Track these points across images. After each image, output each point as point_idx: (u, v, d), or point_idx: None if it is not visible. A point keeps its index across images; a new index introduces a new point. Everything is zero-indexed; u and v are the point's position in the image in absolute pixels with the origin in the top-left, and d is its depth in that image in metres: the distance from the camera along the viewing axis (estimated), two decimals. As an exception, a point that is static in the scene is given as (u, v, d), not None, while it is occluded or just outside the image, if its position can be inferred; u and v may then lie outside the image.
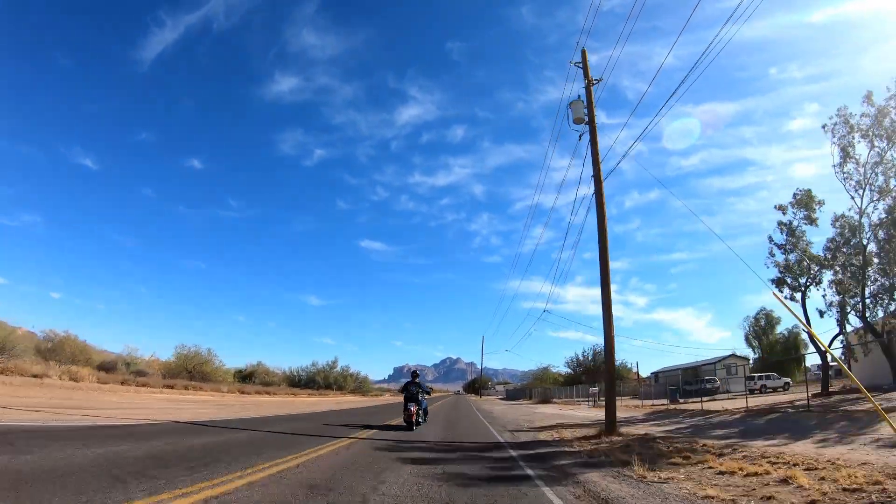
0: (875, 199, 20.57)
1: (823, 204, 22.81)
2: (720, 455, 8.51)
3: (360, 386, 59.33)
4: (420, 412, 13.82)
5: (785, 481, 5.94)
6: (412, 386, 14.15)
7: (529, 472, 7.30)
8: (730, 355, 44.25)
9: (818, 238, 61.61)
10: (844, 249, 22.06)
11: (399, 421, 14.94)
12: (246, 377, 56.29)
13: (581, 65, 14.57)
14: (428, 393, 15.32)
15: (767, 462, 7.44)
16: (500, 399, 75.40)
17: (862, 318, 21.65)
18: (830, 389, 23.24)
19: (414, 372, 14.88)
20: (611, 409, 13.17)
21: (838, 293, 22.19)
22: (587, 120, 14.09)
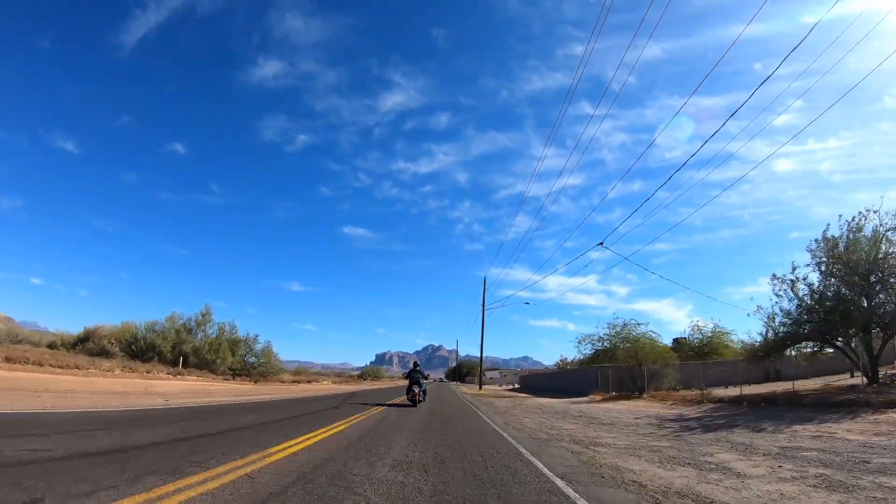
0: None
1: None
2: None
3: (257, 366, 30.75)
4: (421, 392, 16.87)
5: None
6: (415, 373, 17.13)
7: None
8: None
9: None
10: None
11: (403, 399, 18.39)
12: (79, 342, 31.10)
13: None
14: (426, 378, 18.24)
15: None
16: (511, 391, 38.97)
17: None
18: None
19: (416, 362, 17.67)
20: None
21: None
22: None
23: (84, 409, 9.15)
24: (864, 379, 15.13)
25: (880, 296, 14.12)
